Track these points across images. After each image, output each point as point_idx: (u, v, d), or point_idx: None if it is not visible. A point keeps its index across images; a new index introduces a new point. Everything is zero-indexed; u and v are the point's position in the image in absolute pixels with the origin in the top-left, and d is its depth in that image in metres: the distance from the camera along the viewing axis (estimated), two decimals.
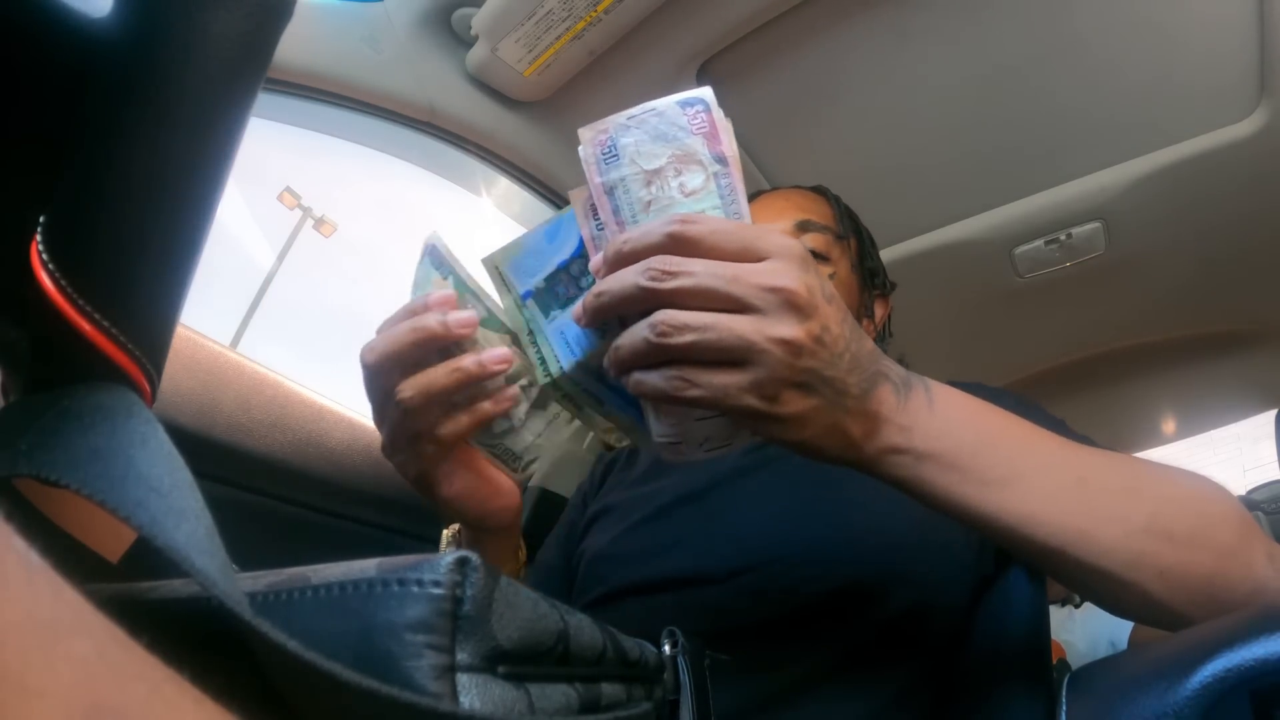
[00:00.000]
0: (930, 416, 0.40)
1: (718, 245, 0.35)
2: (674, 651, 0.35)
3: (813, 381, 0.35)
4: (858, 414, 0.38)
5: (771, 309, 0.34)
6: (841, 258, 0.72)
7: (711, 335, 0.34)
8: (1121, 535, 0.39)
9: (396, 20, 0.85)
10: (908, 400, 0.40)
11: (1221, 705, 0.29)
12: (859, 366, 0.38)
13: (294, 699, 0.20)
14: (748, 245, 0.35)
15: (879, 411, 0.38)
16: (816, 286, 0.36)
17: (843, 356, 0.36)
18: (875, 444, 0.39)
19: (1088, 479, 0.40)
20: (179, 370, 0.71)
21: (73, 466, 0.21)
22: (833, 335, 0.36)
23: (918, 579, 0.54)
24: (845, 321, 0.38)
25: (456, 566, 0.22)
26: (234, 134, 0.29)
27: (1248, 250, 1.24)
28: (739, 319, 0.34)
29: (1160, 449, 2.18)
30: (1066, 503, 0.39)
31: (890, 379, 0.40)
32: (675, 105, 0.37)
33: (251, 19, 0.28)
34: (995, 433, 0.41)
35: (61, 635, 0.12)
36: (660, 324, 0.34)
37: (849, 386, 0.37)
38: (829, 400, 0.36)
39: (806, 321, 0.35)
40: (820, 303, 0.36)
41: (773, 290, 0.34)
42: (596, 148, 0.38)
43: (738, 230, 0.35)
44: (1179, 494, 0.41)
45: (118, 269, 0.27)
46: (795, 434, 0.37)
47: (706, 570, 0.56)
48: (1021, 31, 0.94)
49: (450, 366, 0.40)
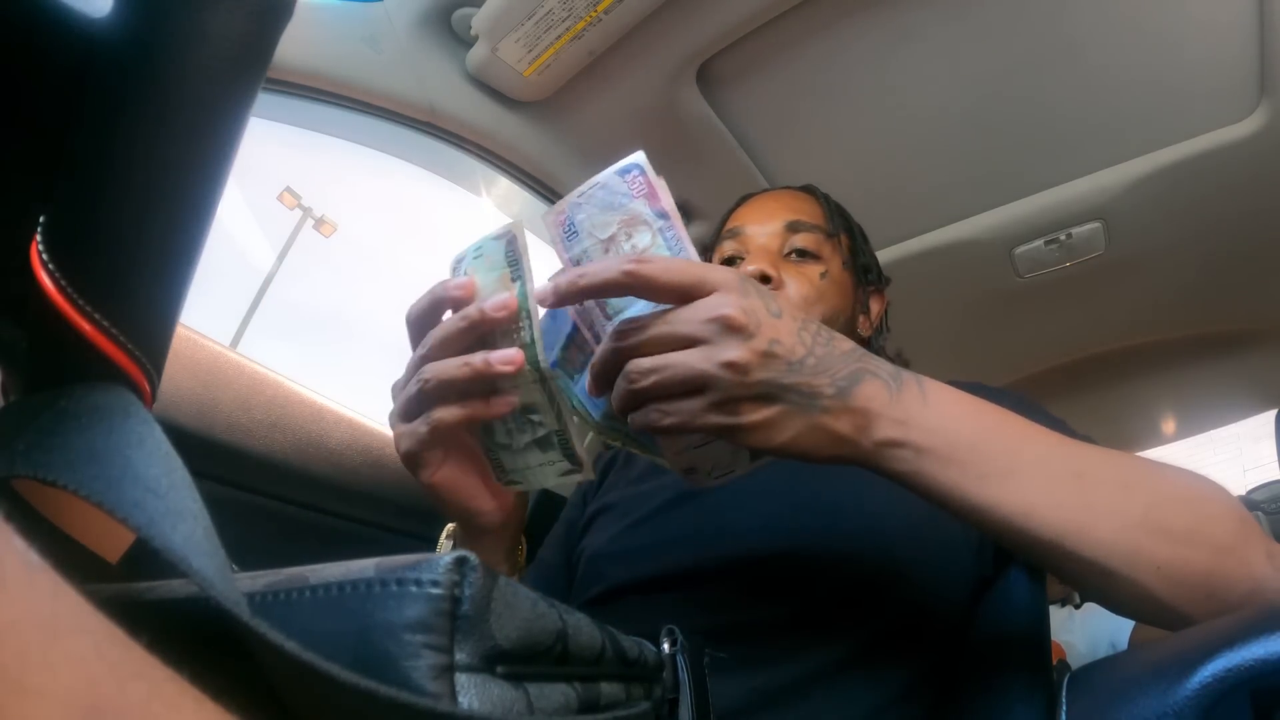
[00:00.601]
0: (925, 410, 0.41)
1: (670, 282, 0.39)
2: (673, 650, 0.35)
3: (770, 391, 0.39)
4: (840, 412, 0.39)
5: (715, 337, 0.38)
6: (833, 255, 0.74)
7: (669, 372, 0.38)
8: (1119, 529, 0.39)
9: (396, 20, 0.85)
10: (900, 394, 0.41)
11: (1221, 705, 0.29)
12: (828, 368, 0.40)
13: (293, 699, 0.20)
14: (696, 281, 0.39)
15: (868, 407, 0.40)
16: (759, 307, 0.39)
17: (803, 363, 0.39)
18: (872, 437, 0.40)
19: (1085, 473, 0.41)
20: (179, 370, 0.71)
21: (70, 467, 0.21)
22: (785, 346, 0.39)
23: (917, 578, 0.54)
24: (804, 330, 0.41)
25: (455, 566, 0.22)
26: (234, 134, 0.29)
27: (1248, 250, 1.24)
28: (690, 353, 0.38)
29: (1160, 449, 2.18)
30: (1064, 496, 0.40)
31: (878, 375, 0.41)
32: (614, 175, 0.42)
33: (251, 19, 0.28)
34: (991, 427, 0.42)
35: (61, 635, 0.12)
36: (630, 373, 0.39)
37: (819, 388, 0.39)
38: (796, 405, 0.39)
39: (750, 340, 0.38)
40: (764, 320, 0.39)
41: (713, 320, 0.38)
42: (558, 229, 0.43)
43: (685, 267, 0.39)
44: (1176, 491, 0.41)
45: (118, 269, 0.27)
46: (772, 439, 0.39)
47: (706, 568, 0.56)
48: (1021, 32, 0.94)
49: (461, 361, 0.42)
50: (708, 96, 1.01)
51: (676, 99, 0.99)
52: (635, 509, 0.65)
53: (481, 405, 0.43)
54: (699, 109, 1.02)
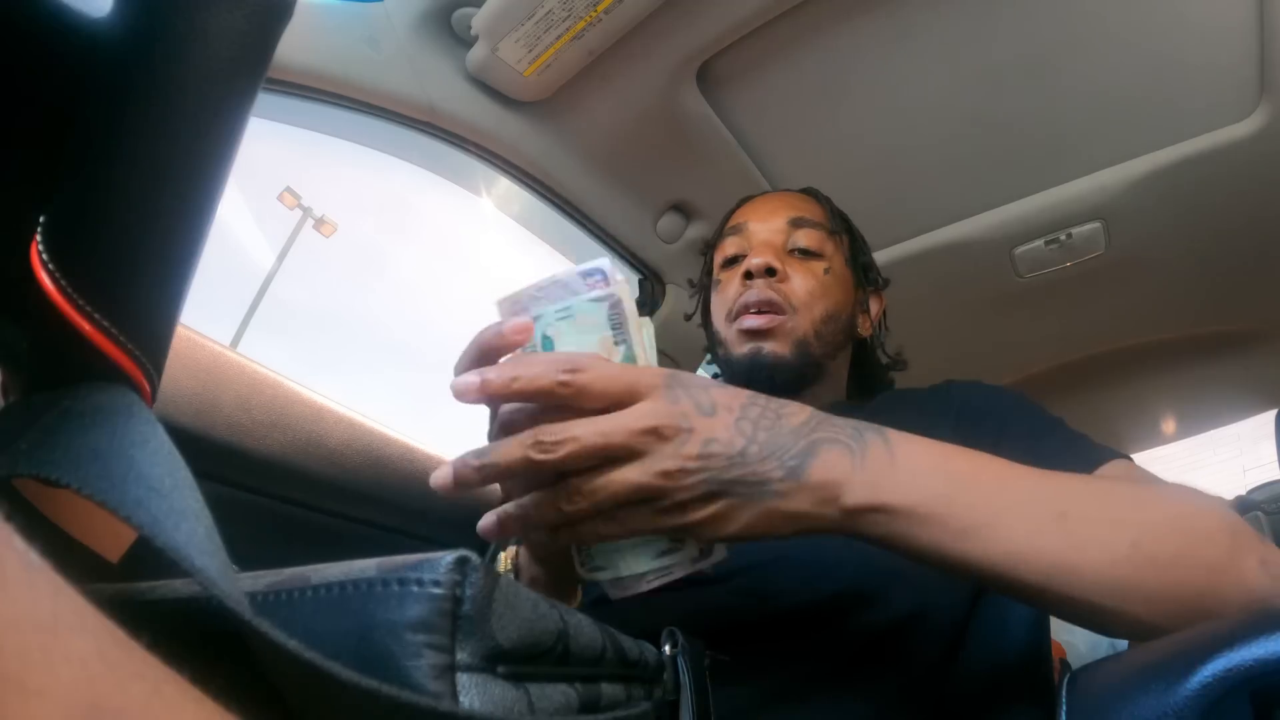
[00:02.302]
0: (894, 470, 0.40)
1: (603, 392, 0.38)
2: (674, 652, 0.35)
3: (713, 489, 0.38)
4: (794, 492, 0.39)
5: (649, 448, 0.38)
6: (836, 253, 0.76)
7: (609, 490, 0.38)
8: (1107, 565, 0.38)
9: (396, 20, 0.85)
10: (865, 458, 0.40)
11: (1221, 705, 0.29)
12: (774, 451, 0.39)
13: (294, 699, 0.20)
14: (626, 389, 0.38)
15: (828, 479, 0.39)
16: (688, 410, 0.39)
17: (745, 453, 0.39)
18: (840, 505, 0.39)
19: (1068, 512, 0.40)
20: (179, 370, 0.71)
21: (73, 466, 0.21)
22: (722, 442, 0.38)
23: (917, 580, 0.54)
24: (743, 419, 0.40)
25: (456, 566, 0.22)
26: (234, 134, 0.29)
27: (1248, 250, 1.24)
28: (629, 468, 0.38)
29: (1160, 449, 2.18)
30: (1048, 539, 0.39)
31: (837, 442, 0.40)
32: (577, 275, 0.41)
33: (251, 19, 0.28)
34: (967, 475, 0.41)
35: (61, 634, 0.12)
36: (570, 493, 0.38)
37: (766, 474, 0.39)
38: (744, 495, 0.39)
39: (683, 447, 0.38)
40: (696, 422, 0.38)
41: (643, 432, 0.38)
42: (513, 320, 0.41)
43: (617, 375, 0.38)
44: (1163, 516, 0.41)
45: (118, 269, 0.27)
46: (722, 530, 0.39)
47: (706, 570, 0.56)
48: (1021, 31, 0.94)
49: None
50: (708, 96, 1.01)
51: (676, 99, 0.99)
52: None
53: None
54: (699, 109, 1.02)
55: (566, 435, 0.37)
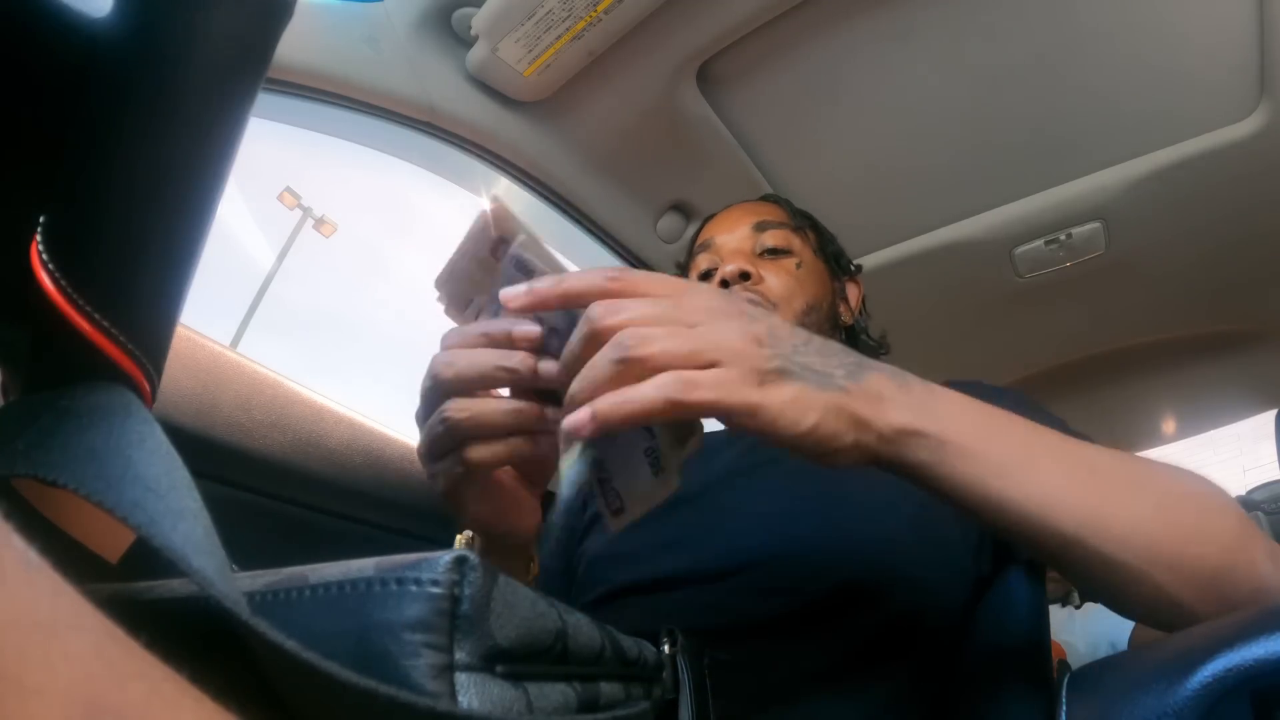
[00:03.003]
0: (935, 402, 0.39)
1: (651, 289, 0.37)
2: (673, 650, 0.35)
3: (787, 366, 0.36)
4: (855, 393, 0.37)
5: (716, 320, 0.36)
6: (804, 247, 0.78)
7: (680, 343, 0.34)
8: (1135, 522, 0.38)
9: (396, 20, 0.85)
10: (907, 386, 0.39)
11: (1221, 705, 0.29)
12: (832, 353, 0.39)
13: (292, 698, 0.20)
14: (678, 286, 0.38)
15: (879, 390, 0.38)
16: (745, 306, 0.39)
17: (809, 344, 0.38)
18: (889, 421, 0.37)
19: (1096, 468, 0.40)
20: (179, 370, 0.71)
21: (70, 466, 0.21)
22: (785, 331, 0.38)
23: (916, 578, 0.54)
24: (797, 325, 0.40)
25: (454, 566, 0.22)
26: (234, 134, 0.29)
27: (1248, 250, 1.24)
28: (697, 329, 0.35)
29: (1160, 449, 2.17)
30: (1081, 490, 0.39)
31: (879, 369, 0.39)
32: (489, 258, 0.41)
33: (251, 19, 0.28)
34: (1002, 420, 0.41)
35: (60, 633, 0.12)
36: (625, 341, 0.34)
37: (831, 369, 0.38)
38: (815, 383, 0.36)
39: (753, 325, 0.37)
40: (759, 313, 0.38)
41: (711, 309, 0.37)
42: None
43: (669, 278, 0.39)
44: (1180, 488, 0.41)
45: (118, 269, 0.27)
46: (799, 422, 0.35)
47: (705, 569, 0.56)
48: (1021, 31, 0.94)
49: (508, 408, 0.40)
50: (708, 96, 1.01)
51: (676, 99, 0.99)
52: None
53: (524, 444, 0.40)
54: (699, 109, 1.02)
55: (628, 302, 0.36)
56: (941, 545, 0.56)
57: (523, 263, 0.40)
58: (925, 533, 0.55)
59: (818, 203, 0.95)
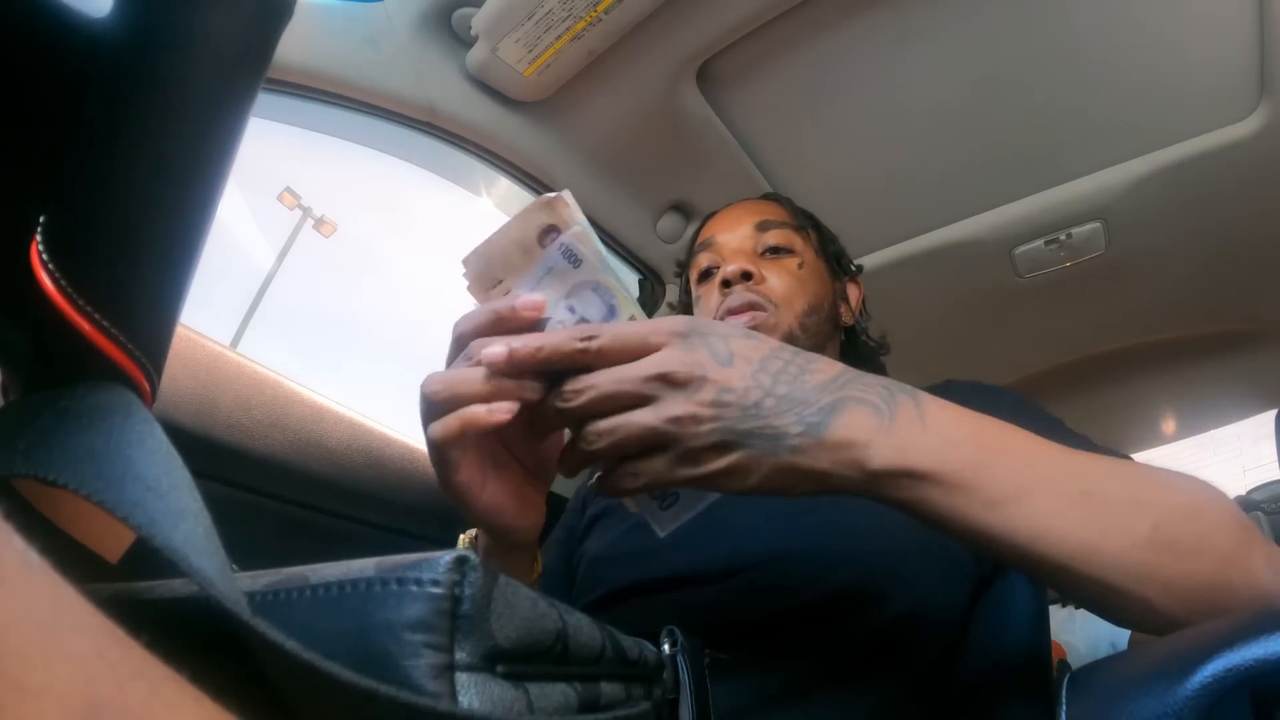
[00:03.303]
0: (924, 434, 0.39)
1: (622, 346, 0.39)
2: (673, 650, 0.35)
3: (727, 439, 0.38)
4: (811, 449, 0.38)
5: (662, 393, 0.38)
6: (806, 246, 0.77)
7: (623, 432, 0.39)
8: (1128, 548, 0.38)
9: (396, 20, 0.85)
10: (894, 420, 0.39)
11: (1221, 705, 0.29)
12: (793, 406, 0.39)
13: (293, 699, 0.20)
14: (640, 342, 0.39)
15: (852, 438, 0.38)
16: (704, 359, 0.39)
17: (760, 405, 0.38)
18: (865, 467, 0.38)
19: (1093, 491, 0.40)
20: (179, 370, 0.71)
21: (70, 466, 0.21)
22: (736, 393, 0.38)
23: (916, 580, 0.54)
24: (762, 372, 0.39)
25: (455, 566, 0.22)
26: (234, 134, 0.29)
27: (1248, 250, 1.24)
28: (641, 411, 0.38)
29: (1160, 449, 2.18)
30: (1073, 517, 0.39)
31: (865, 402, 0.39)
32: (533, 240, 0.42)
33: (251, 19, 0.28)
34: (996, 447, 0.40)
35: (60, 634, 0.12)
36: (587, 436, 0.40)
37: (783, 428, 0.38)
38: (760, 448, 0.38)
39: (696, 394, 0.38)
40: (711, 371, 0.39)
41: (655, 378, 0.38)
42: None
43: (634, 329, 0.40)
44: (1181, 502, 0.41)
45: (118, 269, 0.27)
46: (739, 484, 0.39)
47: (706, 569, 0.56)
48: (1022, 31, 0.94)
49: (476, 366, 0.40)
50: (708, 96, 1.01)
51: (676, 99, 0.99)
52: (635, 512, 0.65)
53: (481, 410, 0.39)
54: (699, 109, 1.02)
55: (585, 384, 0.39)
56: (942, 545, 0.56)
57: (571, 251, 0.42)
58: (925, 533, 0.55)
59: (818, 203, 0.95)
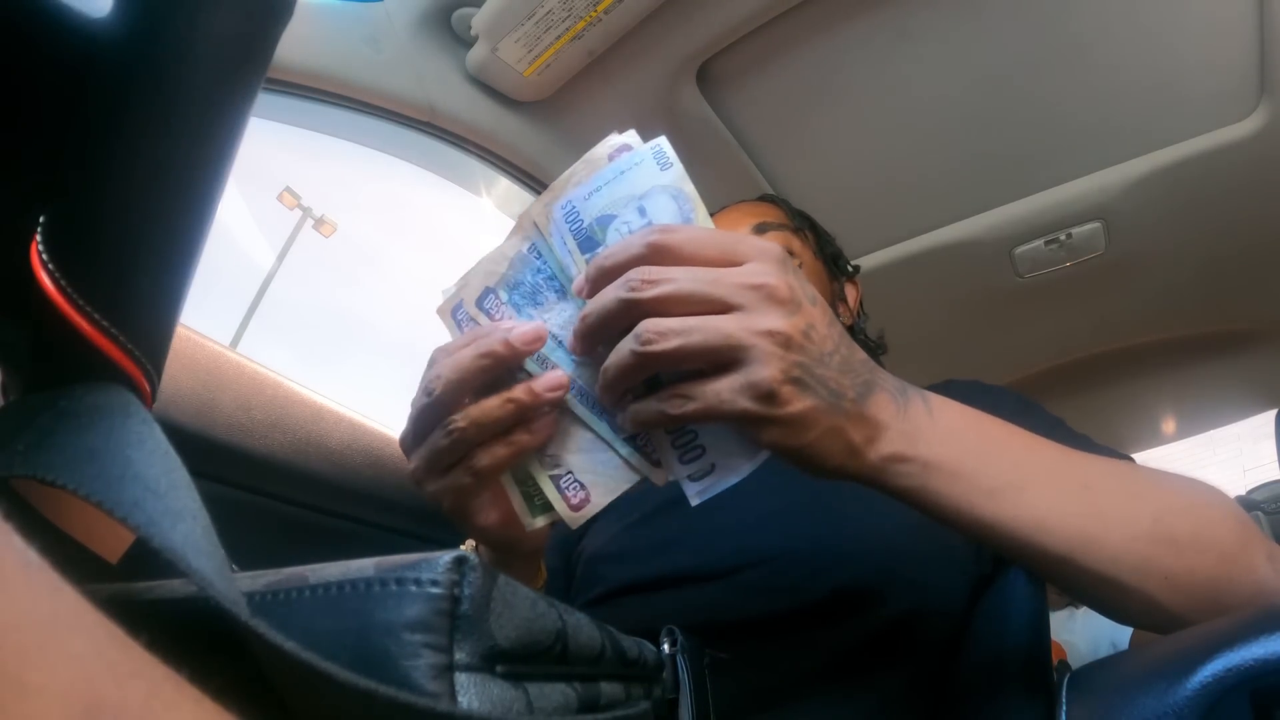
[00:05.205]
0: (932, 424, 0.39)
1: (698, 251, 0.35)
2: (673, 650, 0.35)
3: (806, 378, 0.35)
4: (857, 418, 0.37)
5: (755, 305, 0.34)
6: (804, 248, 0.78)
7: (697, 337, 0.33)
8: (1128, 540, 0.38)
9: (396, 20, 0.85)
10: (907, 408, 0.39)
11: (1221, 705, 0.29)
12: (851, 369, 0.37)
13: (292, 699, 0.20)
14: (727, 250, 0.35)
15: (879, 418, 0.37)
16: (799, 287, 0.36)
17: (832, 356, 0.36)
18: (879, 451, 0.37)
19: (1092, 484, 0.40)
20: (179, 370, 0.71)
21: (69, 467, 0.21)
22: (820, 334, 0.36)
23: (916, 579, 0.54)
24: (833, 325, 0.37)
25: (454, 566, 0.22)
26: (234, 134, 0.29)
27: (1248, 250, 1.24)
28: (724, 318, 0.34)
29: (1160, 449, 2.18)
30: (1073, 509, 0.39)
31: (886, 387, 0.39)
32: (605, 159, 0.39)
33: (251, 19, 0.28)
34: (998, 439, 0.40)
35: (60, 634, 0.12)
36: (645, 333, 0.33)
37: (844, 389, 0.36)
38: (826, 401, 0.35)
39: (792, 316, 0.35)
40: (804, 301, 0.36)
41: (755, 287, 0.34)
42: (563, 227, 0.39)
43: (716, 236, 0.36)
44: (1180, 499, 0.41)
45: (118, 269, 0.27)
46: (798, 438, 0.35)
47: (705, 568, 0.56)
48: (1022, 31, 0.94)
49: (503, 398, 0.37)
50: (708, 96, 1.01)
51: (676, 99, 0.99)
52: (633, 510, 0.65)
53: (525, 437, 0.38)
54: (699, 109, 1.02)
55: (663, 276, 0.34)
56: (942, 544, 0.56)
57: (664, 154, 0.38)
58: (926, 531, 0.55)
59: (817, 203, 0.95)
